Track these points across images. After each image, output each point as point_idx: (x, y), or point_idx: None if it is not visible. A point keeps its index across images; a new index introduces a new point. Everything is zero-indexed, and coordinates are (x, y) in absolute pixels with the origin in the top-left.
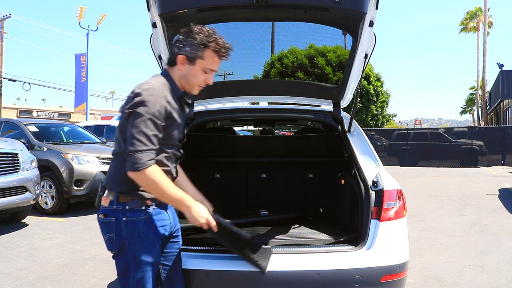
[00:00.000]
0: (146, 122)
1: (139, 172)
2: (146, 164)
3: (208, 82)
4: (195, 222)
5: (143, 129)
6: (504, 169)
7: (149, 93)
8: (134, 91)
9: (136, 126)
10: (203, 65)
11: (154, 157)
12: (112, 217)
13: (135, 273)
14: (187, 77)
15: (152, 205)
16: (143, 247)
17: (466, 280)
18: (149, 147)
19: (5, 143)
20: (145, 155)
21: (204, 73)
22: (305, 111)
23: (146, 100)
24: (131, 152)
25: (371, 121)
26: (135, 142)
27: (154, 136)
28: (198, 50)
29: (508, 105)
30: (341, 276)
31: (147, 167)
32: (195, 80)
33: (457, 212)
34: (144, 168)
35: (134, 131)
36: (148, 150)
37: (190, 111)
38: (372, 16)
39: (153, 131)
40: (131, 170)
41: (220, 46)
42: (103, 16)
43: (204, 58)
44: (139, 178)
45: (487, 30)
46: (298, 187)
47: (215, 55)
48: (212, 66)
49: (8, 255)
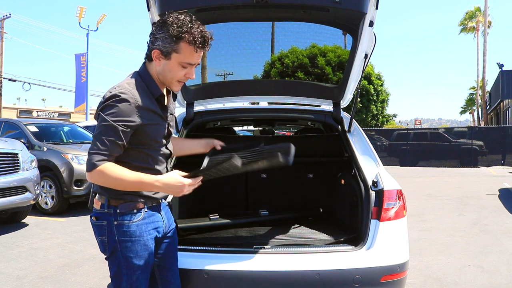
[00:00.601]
0: (107, 127)
1: (90, 172)
2: (95, 164)
3: (190, 77)
4: (178, 194)
5: (101, 134)
6: (504, 169)
7: (117, 98)
8: (105, 94)
9: (96, 129)
10: (179, 60)
11: (106, 158)
12: (103, 220)
13: (128, 276)
14: (163, 73)
15: (144, 208)
16: (135, 251)
17: (466, 280)
18: (101, 151)
19: (5, 143)
20: (95, 156)
21: (183, 68)
22: (305, 111)
23: (111, 105)
24: (88, 154)
25: (371, 121)
26: (91, 146)
27: (111, 142)
28: (172, 43)
29: (508, 105)
30: (341, 276)
31: (97, 166)
32: (173, 76)
33: (457, 212)
34: (94, 168)
35: (94, 134)
36: (100, 153)
37: (190, 111)
38: (372, 16)
39: (111, 137)
40: (86, 171)
41: (195, 37)
42: (103, 16)
43: (180, 52)
44: (92, 178)
45: (486, 30)
46: (298, 187)
47: (191, 48)
48: (189, 59)
49: (8, 255)
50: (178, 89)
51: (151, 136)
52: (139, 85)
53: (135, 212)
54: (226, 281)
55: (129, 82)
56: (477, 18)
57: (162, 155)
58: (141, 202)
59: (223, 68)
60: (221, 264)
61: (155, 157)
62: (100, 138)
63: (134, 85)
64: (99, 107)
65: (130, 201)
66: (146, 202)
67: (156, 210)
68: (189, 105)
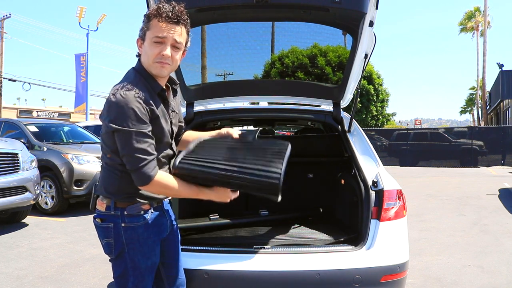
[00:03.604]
0: (136, 136)
1: (149, 184)
2: (152, 175)
3: (163, 53)
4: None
5: (135, 145)
6: (504, 169)
7: (125, 102)
8: (108, 98)
9: (126, 144)
10: (151, 36)
11: (156, 165)
12: (110, 222)
13: (134, 278)
14: (144, 58)
15: (150, 209)
16: (142, 252)
17: (466, 280)
18: (148, 159)
19: (5, 143)
20: (148, 167)
21: (156, 45)
22: (305, 111)
23: (125, 114)
24: (134, 170)
25: (371, 121)
26: (133, 161)
27: (148, 145)
28: (144, 24)
29: (508, 105)
30: (341, 276)
31: (153, 177)
32: (149, 56)
33: (457, 212)
34: (152, 180)
35: (127, 150)
36: (150, 162)
37: (190, 111)
38: (372, 16)
39: (146, 140)
40: (141, 186)
41: (161, 8)
42: (103, 16)
43: (150, 28)
44: (151, 189)
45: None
46: (298, 187)
47: (157, 19)
48: (157, 32)
49: (8, 255)
50: (160, 72)
51: (157, 136)
52: (140, 82)
53: (142, 214)
54: (226, 281)
55: (130, 81)
56: (477, 18)
57: (166, 157)
58: (147, 204)
59: (223, 68)
60: (221, 264)
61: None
62: (138, 149)
63: (136, 83)
64: (106, 113)
65: (137, 203)
66: (152, 203)
67: (160, 210)
68: (189, 105)
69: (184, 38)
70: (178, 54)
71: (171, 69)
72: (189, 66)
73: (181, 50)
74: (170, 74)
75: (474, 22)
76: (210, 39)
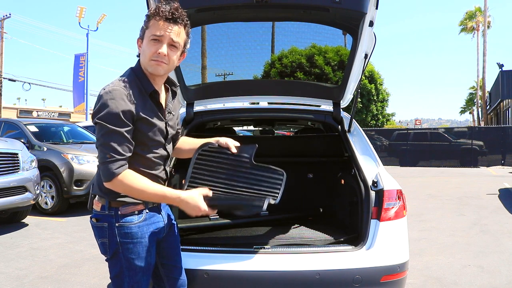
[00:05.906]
0: (110, 133)
1: (111, 181)
2: (115, 172)
3: (160, 51)
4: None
5: (108, 141)
6: (504, 169)
7: (110, 97)
8: (98, 96)
9: (102, 137)
10: (149, 34)
11: (124, 164)
12: (104, 222)
13: (130, 278)
14: (141, 56)
15: (144, 209)
16: (137, 252)
17: (466, 280)
18: (116, 157)
19: (5, 143)
20: (114, 164)
21: (153, 43)
22: (305, 111)
23: (107, 109)
24: (101, 164)
25: (371, 121)
26: (103, 154)
27: (120, 145)
28: (144, 24)
29: (508, 105)
30: (341, 276)
31: (118, 175)
32: (146, 54)
33: (457, 212)
34: (115, 177)
35: (100, 142)
36: (117, 160)
37: (190, 111)
38: (372, 16)
39: (119, 140)
40: (105, 182)
41: (159, 8)
42: (103, 16)
43: (149, 27)
44: (113, 186)
45: (486, 30)
46: (298, 187)
47: (156, 18)
48: (155, 31)
49: (8, 255)
50: (156, 71)
51: (146, 134)
52: (132, 82)
53: (136, 214)
54: (226, 281)
55: (122, 79)
56: (477, 18)
57: (159, 157)
58: (142, 204)
59: (223, 68)
60: (221, 264)
61: (151, 160)
62: (110, 145)
63: (127, 82)
64: (95, 107)
65: (131, 203)
66: (147, 204)
67: (157, 210)
68: (189, 105)
69: (183, 38)
70: (176, 55)
71: (168, 68)
72: (189, 66)
73: (179, 50)
74: (170, 76)
75: (475, 22)
76: (210, 39)
